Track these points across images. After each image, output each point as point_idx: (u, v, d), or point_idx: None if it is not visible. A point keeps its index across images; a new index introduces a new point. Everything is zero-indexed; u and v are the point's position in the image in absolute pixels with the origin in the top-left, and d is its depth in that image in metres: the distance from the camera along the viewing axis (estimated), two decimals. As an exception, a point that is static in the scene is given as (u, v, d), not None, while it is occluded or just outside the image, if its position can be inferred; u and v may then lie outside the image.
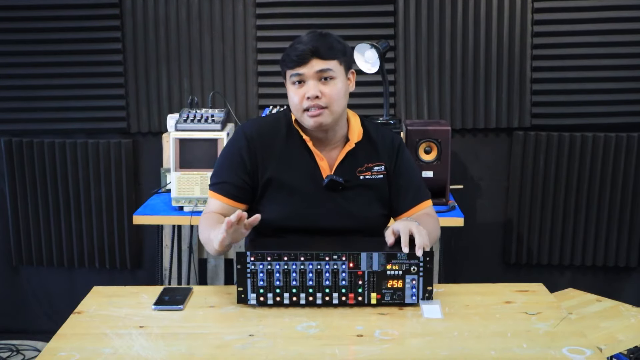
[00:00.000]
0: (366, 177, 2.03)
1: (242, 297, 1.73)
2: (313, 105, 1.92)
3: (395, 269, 1.72)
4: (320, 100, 1.92)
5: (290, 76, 1.95)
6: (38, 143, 3.48)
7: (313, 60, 1.91)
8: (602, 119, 3.38)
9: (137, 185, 3.56)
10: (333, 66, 1.93)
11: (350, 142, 2.03)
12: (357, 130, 2.05)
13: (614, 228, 3.44)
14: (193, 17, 3.39)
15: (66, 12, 3.39)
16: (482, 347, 1.53)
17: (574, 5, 3.30)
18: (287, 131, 2.03)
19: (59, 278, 3.66)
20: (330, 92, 1.93)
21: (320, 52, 1.91)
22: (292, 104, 1.96)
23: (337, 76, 1.94)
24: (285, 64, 1.96)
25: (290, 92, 1.96)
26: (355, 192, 2.01)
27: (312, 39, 1.94)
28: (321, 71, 1.92)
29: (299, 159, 2.00)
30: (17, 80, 3.47)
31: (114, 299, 1.82)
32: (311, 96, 1.91)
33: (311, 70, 1.92)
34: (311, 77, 1.92)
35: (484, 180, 3.51)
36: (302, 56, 1.91)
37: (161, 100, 3.46)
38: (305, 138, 2.00)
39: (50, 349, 1.54)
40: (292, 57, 1.93)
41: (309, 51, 1.91)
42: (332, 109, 1.94)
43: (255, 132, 2.02)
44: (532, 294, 1.85)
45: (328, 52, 1.92)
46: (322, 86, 1.93)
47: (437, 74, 3.38)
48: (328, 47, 1.93)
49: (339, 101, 1.95)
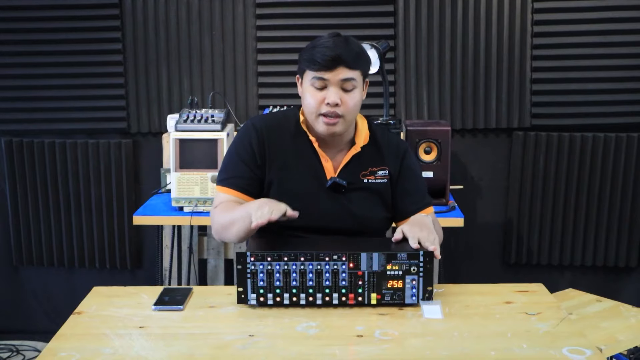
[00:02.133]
0: (370, 181, 2.03)
1: (242, 297, 1.73)
2: (331, 112, 1.90)
3: (395, 269, 1.72)
4: (338, 108, 1.91)
5: (312, 78, 1.92)
6: (38, 143, 3.48)
7: (339, 68, 1.89)
8: (602, 119, 3.38)
9: (137, 186, 3.56)
10: (356, 76, 1.92)
11: (357, 146, 2.02)
12: (364, 133, 2.05)
13: (613, 228, 3.44)
14: (193, 18, 3.39)
15: (66, 12, 3.39)
16: (482, 348, 1.53)
17: (573, 6, 3.30)
18: (295, 129, 2.02)
19: (59, 278, 3.66)
20: (349, 102, 1.92)
21: (347, 60, 1.89)
22: (308, 105, 1.94)
23: (357, 86, 1.94)
24: (308, 64, 1.92)
25: (308, 93, 1.94)
26: (358, 194, 2.01)
27: (339, 44, 1.90)
28: (345, 80, 1.90)
29: (304, 158, 2.00)
30: (18, 80, 3.47)
31: (114, 299, 1.82)
32: (332, 103, 1.90)
33: (336, 77, 1.90)
34: (334, 84, 1.90)
35: (484, 180, 3.51)
36: (331, 62, 1.88)
37: (161, 100, 3.46)
38: (312, 139, 2.00)
39: (50, 349, 1.54)
40: (319, 59, 1.89)
41: (337, 58, 1.88)
42: (347, 118, 1.94)
43: (264, 126, 2.01)
44: (532, 294, 1.85)
45: (354, 62, 1.91)
46: (343, 94, 1.91)
47: (437, 74, 3.39)
48: (355, 56, 1.91)
49: (354, 112, 1.96)
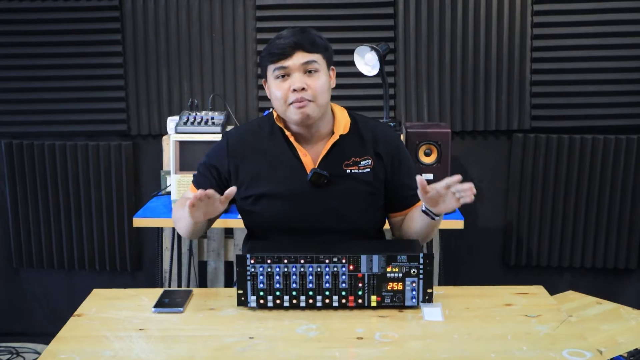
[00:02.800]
0: (353, 172, 1.99)
1: (242, 299, 1.73)
2: (299, 98, 1.90)
3: (395, 271, 1.72)
4: (305, 92, 1.91)
5: (273, 70, 1.93)
6: (38, 145, 3.48)
7: (297, 53, 1.91)
8: (601, 121, 3.38)
9: (137, 188, 3.56)
10: (317, 59, 1.94)
11: (335, 135, 2.00)
12: (344, 122, 2.03)
13: (613, 230, 3.44)
14: (193, 20, 3.40)
15: (66, 14, 3.39)
16: (482, 350, 1.53)
17: (573, 8, 3.30)
18: (270, 130, 2.03)
19: (59, 280, 3.66)
20: (315, 84, 1.92)
21: (303, 45, 1.92)
22: (276, 99, 1.95)
23: (321, 69, 1.95)
24: (266, 59, 1.95)
25: (273, 87, 1.95)
26: (342, 187, 1.97)
27: (294, 33, 1.94)
28: (306, 63, 1.92)
29: (282, 156, 1.99)
30: (18, 82, 3.47)
31: (114, 301, 1.82)
32: (297, 88, 1.90)
33: (296, 62, 1.91)
34: (296, 69, 1.92)
35: (484, 182, 3.51)
36: (286, 49, 1.91)
37: (161, 102, 3.46)
38: (288, 133, 1.99)
39: (50, 351, 1.54)
40: (275, 50, 1.92)
41: (293, 44, 1.91)
42: (317, 102, 1.93)
43: (237, 135, 2.06)
44: (532, 297, 1.85)
45: (311, 46, 1.93)
46: (307, 79, 1.92)
47: (437, 76, 3.39)
48: (310, 41, 1.94)
49: (323, 94, 1.95)
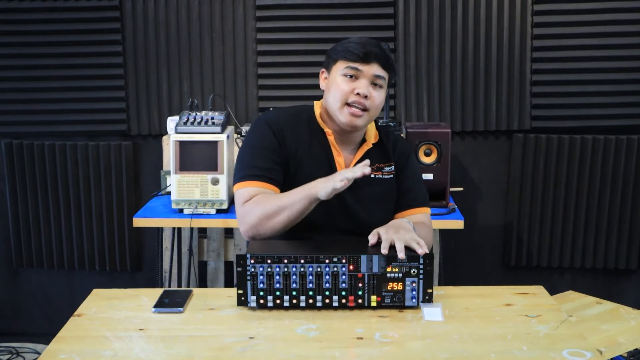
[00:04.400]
0: (377, 177, 2.06)
1: (242, 299, 1.73)
2: (358, 103, 1.94)
3: (396, 271, 1.72)
4: (366, 100, 1.95)
5: (345, 67, 1.96)
6: (38, 145, 3.48)
7: (374, 64, 1.95)
8: (602, 122, 3.38)
9: (137, 188, 3.56)
10: (386, 77, 1.99)
11: (368, 142, 2.07)
12: (373, 132, 2.11)
13: (613, 230, 3.44)
14: (193, 20, 3.40)
15: (67, 14, 3.39)
16: (482, 350, 1.53)
17: (574, 8, 3.30)
18: (309, 123, 2.05)
19: (59, 280, 3.66)
20: (377, 98, 1.97)
21: (381, 59, 1.96)
22: (336, 92, 1.97)
23: (384, 87, 2.00)
24: (344, 54, 1.96)
25: (338, 81, 1.97)
26: (365, 191, 2.03)
27: (374, 44, 1.97)
28: (377, 77, 1.96)
29: (319, 151, 2.02)
30: (18, 82, 3.48)
31: (114, 301, 1.82)
32: (362, 93, 1.94)
33: (369, 71, 1.95)
34: (366, 77, 1.95)
35: (484, 182, 3.51)
36: (367, 55, 1.94)
37: (161, 102, 3.46)
38: (327, 131, 2.03)
39: (50, 351, 1.53)
40: (357, 51, 1.94)
41: (373, 54, 1.94)
42: (371, 114, 1.98)
43: (278, 121, 2.02)
44: (532, 297, 1.85)
45: (387, 63, 1.98)
46: (372, 90, 1.96)
47: (437, 76, 3.39)
48: (387, 58, 1.98)
49: (378, 109, 2.00)
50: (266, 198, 1.92)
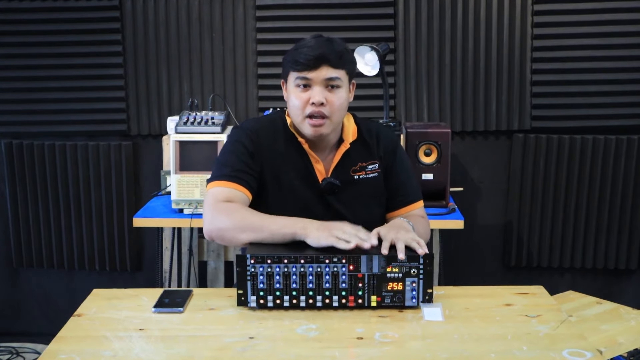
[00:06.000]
0: (360, 177, 2.02)
1: (242, 299, 1.73)
2: (316, 112, 1.89)
3: (396, 271, 1.72)
4: (324, 107, 1.90)
5: (295, 78, 1.92)
6: (38, 145, 3.48)
7: (323, 67, 1.89)
8: (602, 122, 3.38)
9: (137, 188, 3.56)
10: (341, 75, 1.92)
11: (345, 143, 2.01)
12: (351, 129, 2.04)
13: (614, 230, 3.44)
14: (193, 20, 3.40)
15: (66, 14, 3.39)
16: (482, 350, 1.53)
17: (574, 8, 3.30)
18: (283, 132, 2.01)
19: (59, 280, 3.66)
20: (335, 100, 1.91)
21: (330, 59, 1.89)
22: (293, 107, 1.94)
23: (343, 85, 1.93)
24: (291, 65, 1.92)
25: (293, 95, 1.93)
26: (349, 193, 2.00)
27: (322, 44, 1.90)
28: (330, 79, 1.90)
29: (295, 161, 1.99)
30: (18, 82, 3.48)
31: (114, 301, 1.82)
32: (316, 102, 1.89)
33: (319, 76, 1.89)
34: (318, 83, 1.90)
35: (484, 182, 3.51)
36: (314, 61, 1.88)
37: (161, 102, 3.46)
38: (301, 140, 1.99)
39: (50, 351, 1.53)
40: (301, 60, 1.89)
41: (321, 57, 1.88)
42: (333, 119, 1.93)
43: (256, 129, 1.99)
44: (532, 297, 1.85)
45: (338, 61, 1.90)
46: (328, 93, 1.90)
47: (437, 76, 3.39)
48: (338, 55, 1.90)
49: (341, 111, 1.94)
50: (247, 211, 1.85)
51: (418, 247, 1.72)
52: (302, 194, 1.97)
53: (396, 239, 1.73)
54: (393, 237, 1.74)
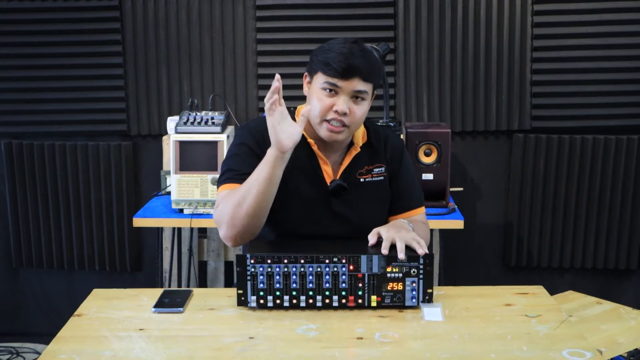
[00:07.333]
0: (366, 180, 2.02)
1: (242, 299, 1.73)
2: (337, 120, 1.87)
3: (396, 271, 1.72)
4: (345, 117, 1.87)
5: (323, 82, 1.87)
6: (38, 145, 3.48)
7: (354, 78, 1.85)
8: (602, 122, 3.38)
9: (137, 188, 3.56)
10: (368, 89, 1.90)
11: (356, 146, 2.01)
12: (361, 133, 2.04)
13: (614, 230, 3.44)
14: (193, 20, 3.40)
15: (66, 14, 3.39)
16: (482, 350, 1.53)
17: (574, 8, 3.30)
18: None
19: (59, 280, 3.66)
20: (357, 112, 1.89)
21: (363, 72, 1.86)
22: (315, 108, 1.89)
23: (367, 98, 1.91)
24: (323, 67, 1.87)
25: (316, 95, 1.89)
26: (355, 195, 2.00)
27: (357, 54, 1.86)
28: (358, 91, 1.87)
29: (304, 161, 1.97)
30: (17, 82, 3.48)
31: (114, 301, 1.82)
32: (340, 112, 1.86)
33: (349, 87, 1.86)
34: (346, 93, 1.87)
35: (484, 182, 3.51)
36: (347, 70, 1.84)
37: (161, 102, 3.46)
38: (310, 141, 1.97)
39: (50, 351, 1.53)
40: (335, 65, 1.84)
41: (354, 68, 1.84)
42: (351, 128, 1.92)
43: (262, 129, 1.94)
44: (532, 297, 1.85)
45: (369, 75, 1.88)
46: (352, 104, 1.88)
47: (437, 76, 3.39)
48: (370, 69, 1.87)
49: (360, 123, 1.94)
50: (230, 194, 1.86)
51: (418, 246, 1.72)
52: (308, 195, 1.96)
53: (397, 238, 1.73)
54: (393, 236, 1.74)
